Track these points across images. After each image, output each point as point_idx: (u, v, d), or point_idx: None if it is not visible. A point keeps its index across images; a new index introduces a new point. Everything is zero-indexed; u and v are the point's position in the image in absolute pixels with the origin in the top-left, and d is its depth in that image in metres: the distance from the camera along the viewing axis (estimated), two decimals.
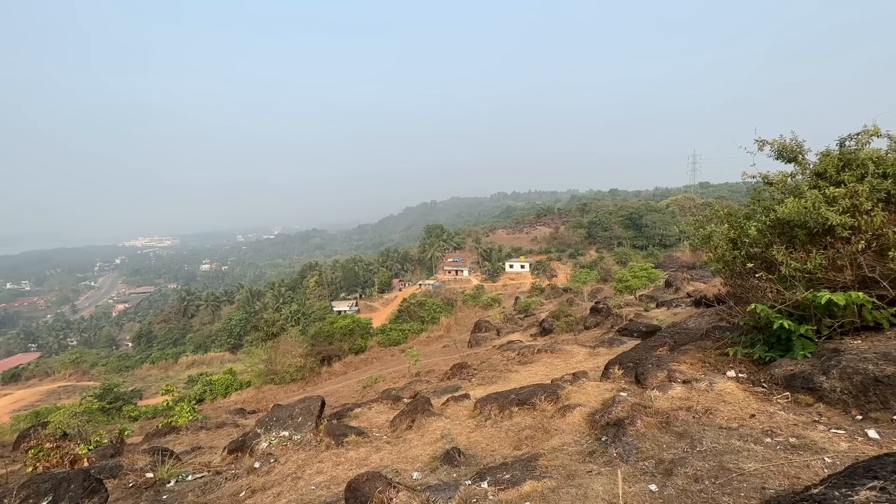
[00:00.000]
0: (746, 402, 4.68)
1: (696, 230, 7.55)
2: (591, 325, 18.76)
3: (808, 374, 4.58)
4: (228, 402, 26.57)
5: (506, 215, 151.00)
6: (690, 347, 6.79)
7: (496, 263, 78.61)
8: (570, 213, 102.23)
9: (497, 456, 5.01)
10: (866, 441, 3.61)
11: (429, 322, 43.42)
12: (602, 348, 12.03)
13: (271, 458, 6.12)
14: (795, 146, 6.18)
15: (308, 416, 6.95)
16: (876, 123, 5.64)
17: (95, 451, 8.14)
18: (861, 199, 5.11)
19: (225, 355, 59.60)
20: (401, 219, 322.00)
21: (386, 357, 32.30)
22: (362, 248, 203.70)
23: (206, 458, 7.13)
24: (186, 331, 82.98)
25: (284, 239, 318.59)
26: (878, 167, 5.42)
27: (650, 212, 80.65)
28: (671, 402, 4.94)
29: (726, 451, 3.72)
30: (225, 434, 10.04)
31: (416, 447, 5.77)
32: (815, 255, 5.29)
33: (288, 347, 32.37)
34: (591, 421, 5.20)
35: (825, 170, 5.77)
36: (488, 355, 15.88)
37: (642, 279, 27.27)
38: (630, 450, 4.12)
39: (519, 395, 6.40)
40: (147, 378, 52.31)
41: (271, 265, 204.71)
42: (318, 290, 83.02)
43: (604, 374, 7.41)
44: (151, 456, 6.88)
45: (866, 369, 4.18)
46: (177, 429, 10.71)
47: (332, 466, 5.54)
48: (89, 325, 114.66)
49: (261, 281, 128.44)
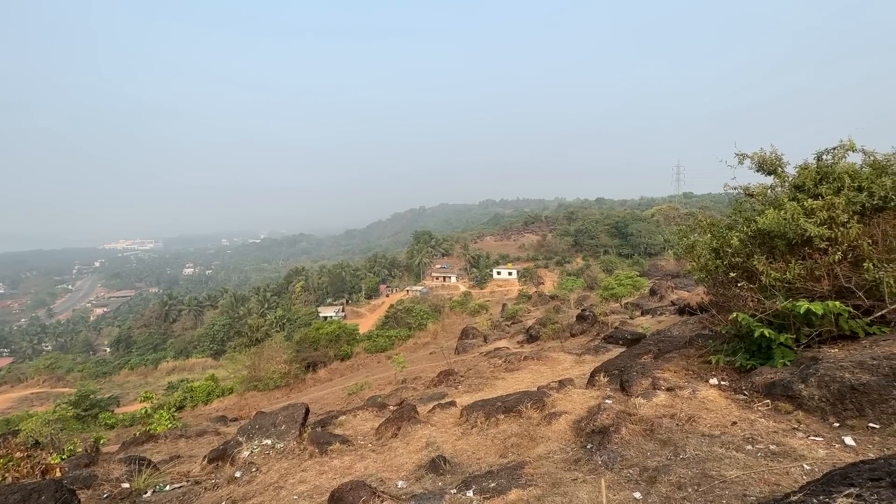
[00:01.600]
0: (728, 409, 4.75)
1: (679, 239, 7.68)
2: (577, 333, 18.88)
3: (787, 382, 4.67)
4: (210, 409, 26.01)
5: (494, 222, 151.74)
6: (674, 355, 6.87)
7: (484, 270, 78.81)
8: (557, 221, 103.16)
9: (483, 464, 4.99)
10: (843, 448, 3.69)
11: (416, 328, 43.22)
12: (588, 356, 12.10)
13: (253, 467, 5.98)
14: (775, 159, 6.36)
15: (292, 424, 6.83)
16: (851, 139, 5.84)
17: (69, 460, 7.86)
18: (838, 211, 5.27)
19: (207, 361, 58.43)
20: (389, 224, 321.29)
21: (372, 364, 32.01)
22: (350, 253, 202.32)
23: (185, 468, 6.95)
24: (167, 336, 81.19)
25: (271, 243, 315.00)
26: (854, 181, 5.59)
27: (636, 221, 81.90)
28: (655, 410, 4.98)
29: (709, 458, 3.76)
30: (205, 442, 9.80)
31: (402, 455, 5.71)
32: (794, 266, 5.42)
33: (272, 353, 31.86)
34: (576, 428, 5.21)
35: (803, 182, 5.94)
36: (475, 362, 15.86)
37: (628, 287, 27.60)
38: (615, 457, 4.14)
39: (505, 403, 6.39)
40: (125, 384, 50.95)
41: (257, 270, 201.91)
42: (305, 295, 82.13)
43: (589, 381, 7.45)
44: (128, 465, 6.67)
45: (843, 377, 4.28)
46: (155, 437, 10.42)
47: (315, 475, 5.44)
48: (66, 329, 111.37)
49: (246, 286, 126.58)
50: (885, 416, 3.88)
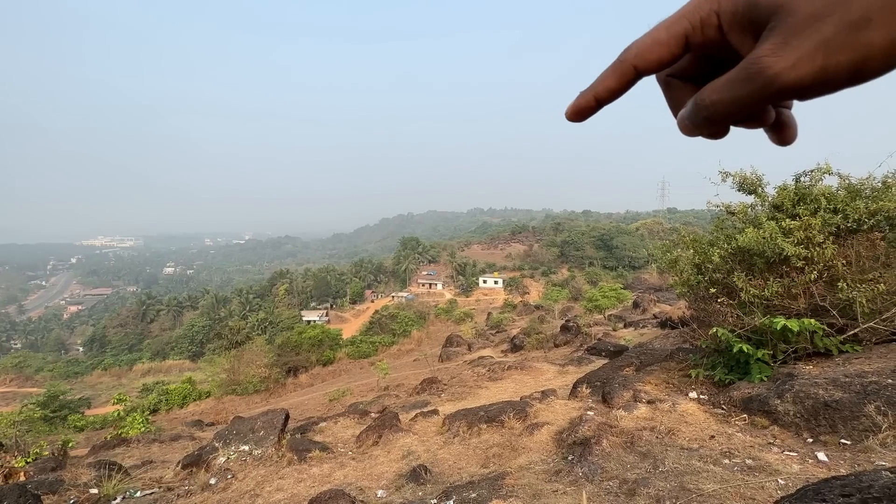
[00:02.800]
0: (707, 423, 4.82)
1: (663, 254, 7.82)
2: (561, 343, 19.00)
3: (763, 397, 4.77)
4: (185, 413, 25.32)
5: (481, 231, 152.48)
6: (655, 368, 6.97)
7: (470, 278, 78.96)
8: (544, 232, 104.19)
9: (464, 474, 4.96)
10: (816, 463, 3.77)
11: (400, 335, 42.95)
12: (571, 366, 12.18)
13: (228, 473, 5.84)
14: (755, 179, 6.54)
15: (270, 430, 6.69)
16: (828, 162, 6.06)
17: (34, 463, 7.55)
18: (814, 231, 5.44)
19: (184, 363, 57.07)
20: (377, 230, 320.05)
21: (355, 370, 31.65)
22: (336, 257, 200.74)
23: (157, 473, 6.74)
24: (144, 336, 79.12)
25: (255, 245, 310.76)
26: (830, 203, 5.79)
27: (621, 234, 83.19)
28: (636, 422, 5.03)
29: (687, 471, 3.81)
30: (180, 447, 9.53)
31: (382, 464, 5.65)
32: (772, 283, 5.57)
33: (252, 357, 31.26)
34: (558, 439, 5.22)
35: (782, 203, 6.12)
36: (459, 370, 15.83)
37: (611, 299, 27.98)
38: (595, 469, 4.16)
39: (488, 412, 6.38)
40: (97, 386, 49.39)
41: (240, 271, 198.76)
42: (288, 298, 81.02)
43: (572, 392, 7.49)
44: (97, 470, 6.44)
45: (817, 394, 4.39)
46: (127, 441, 10.09)
47: (293, 483, 5.34)
48: (37, 326, 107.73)
49: (228, 287, 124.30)
50: (857, 433, 3.99)
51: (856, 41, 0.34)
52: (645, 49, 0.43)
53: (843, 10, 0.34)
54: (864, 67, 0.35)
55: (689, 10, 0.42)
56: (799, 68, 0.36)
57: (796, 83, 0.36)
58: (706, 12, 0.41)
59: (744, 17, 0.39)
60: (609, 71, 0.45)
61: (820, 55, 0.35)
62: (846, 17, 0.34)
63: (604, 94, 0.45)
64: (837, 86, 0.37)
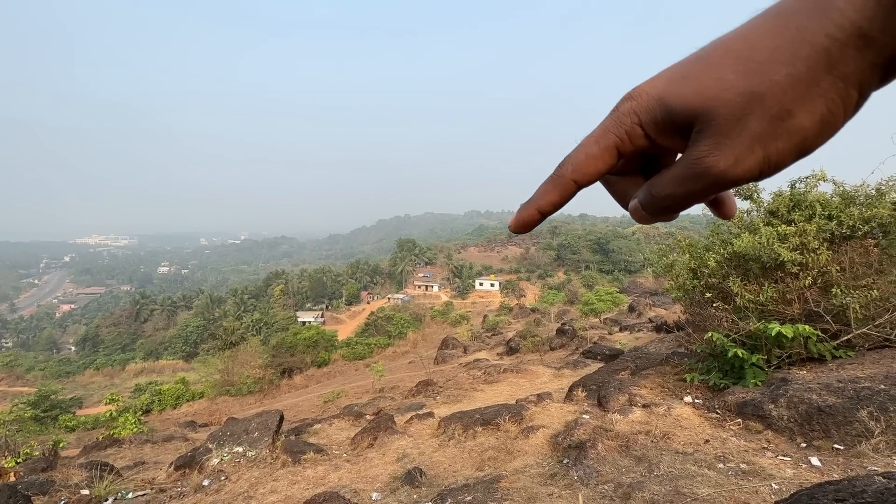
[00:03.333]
0: (702, 427, 4.84)
1: (659, 258, 7.85)
2: (556, 347, 19.01)
3: (758, 401, 4.79)
4: (179, 413, 25.15)
5: (478, 233, 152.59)
6: (651, 372, 6.98)
7: (466, 281, 78.96)
8: (540, 235, 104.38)
9: (459, 477, 4.95)
10: (810, 468, 3.79)
11: (396, 337, 42.86)
12: (567, 370, 12.19)
13: (222, 475, 5.80)
14: (751, 185, 6.59)
15: (265, 432, 6.66)
16: (823, 169, 6.11)
17: (24, 464, 7.47)
18: (809, 237, 5.48)
19: (178, 364, 56.72)
20: (373, 231, 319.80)
21: (350, 371, 31.55)
22: (332, 258, 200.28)
23: (149, 475, 6.68)
24: (137, 336, 78.54)
25: (251, 245, 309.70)
26: (825, 209, 5.84)
27: (617, 238, 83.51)
28: (631, 426, 5.04)
29: (682, 475, 3.82)
30: (173, 448, 9.46)
31: (377, 466, 5.63)
32: (767, 288, 5.60)
33: (247, 358, 31.10)
34: (553, 443, 5.22)
35: (777, 209, 6.17)
36: (454, 373, 15.81)
37: (607, 303, 28.03)
38: (591, 473, 4.16)
39: (483, 415, 6.38)
40: (89, 385, 49.03)
41: (235, 271, 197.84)
42: (283, 299, 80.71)
43: (567, 395, 7.50)
44: (88, 471, 6.38)
45: (810, 399, 4.41)
46: (119, 441, 10.01)
47: (287, 485, 5.31)
48: (28, 325, 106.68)
49: (223, 287, 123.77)
50: (850, 438, 4.01)
51: (787, 129, 0.34)
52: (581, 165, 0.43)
53: (760, 107, 0.34)
54: (804, 147, 0.35)
55: (612, 125, 0.42)
56: (742, 163, 0.36)
57: (745, 175, 0.37)
58: (629, 126, 0.41)
59: (666, 125, 0.39)
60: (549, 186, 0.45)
61: (758, 147, 0.35)
62: (767, 113, 0.34)
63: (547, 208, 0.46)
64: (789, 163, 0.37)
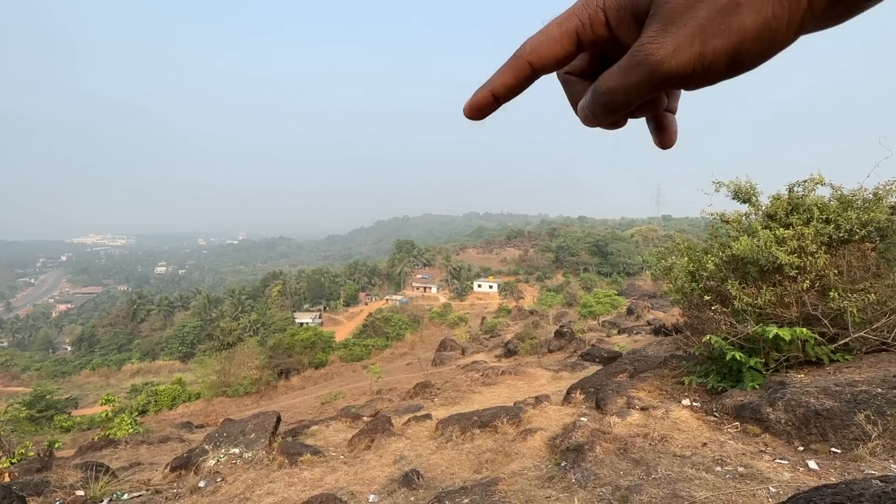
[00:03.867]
0: (699, 430, 4.83)
1: (657, 261, 7.86)
2: (554, 349, 19.01)
3: (756, 405, 4.79)
4: (175, 414, 25.05)
5: (477, 235, 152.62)
6: (649, 375, 6.98)
7: (465, 282, 78.89)
8: (539, 237, 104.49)
9: (457, 479, 4.94)
10: (807, 471, 3.79)
11: (393, 338, 42.80)
12: (565, 372, 12.19)
13: (218, 476, 5.77)
14: (749, 188, 6.61)
15: (261, 433, 6.63)
16: (820, 173, 6.13)
17: (19, 464, 7.43)
18: (807, 241, 5.50)
19: (175, 364, 56.50)
20: (371, 232, 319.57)
21: (347, 373, 31.49)
22: (330, 259, 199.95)
23: (145, 476, 6.65)
24: (134, 336, 78.20)
25: (249, 245, 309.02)
26: (822, 213, 5.86)
27: (615, 240, 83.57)
28: (629, 429, 5.03)
29: (679, 478, 3.82)
30: (169, 449, 9.42)
31: (374, 468, 5.61)
32: (765, 292, 5.62)
33: (244, 358, 31.02)
34: (551, 445, 5.22)
35: (776, 212, 6.19)
36: (452, 375, 15.79)
37: (605, 305, 28.09)
38: (588, 476, 4.15)
39: (481, 417, 6.37)
40: (85, 386, 48.79)
41: (233, 271, 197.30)
42: (281, 300, 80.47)
43: (565, 398, 7.49)
44: (84, 472, 6.34)
45: (808, 402, 4.42)
46: (115, 442, 9.96)
47: (283, 487, 5.28)
48: (24, 325, 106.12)
49: (220, 287, 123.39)
50: (847, 442, 4.02)
51: (729, 25, 0.35)
52: (539, 46, 0.43)
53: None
54: (740, 53, 0.36)
55: (578, 8, 0.42)
56: (679, 55, 0.36)
57: (679, 70, 0.37)
58: (593, 9, 0.41)
59: (627, 11, 0.40)
60: (505, 67, 0.45)
61: (697, 41, 0.36)
62: (718, 1, 0.35)
63: (501, 91, 0.45)
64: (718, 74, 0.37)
